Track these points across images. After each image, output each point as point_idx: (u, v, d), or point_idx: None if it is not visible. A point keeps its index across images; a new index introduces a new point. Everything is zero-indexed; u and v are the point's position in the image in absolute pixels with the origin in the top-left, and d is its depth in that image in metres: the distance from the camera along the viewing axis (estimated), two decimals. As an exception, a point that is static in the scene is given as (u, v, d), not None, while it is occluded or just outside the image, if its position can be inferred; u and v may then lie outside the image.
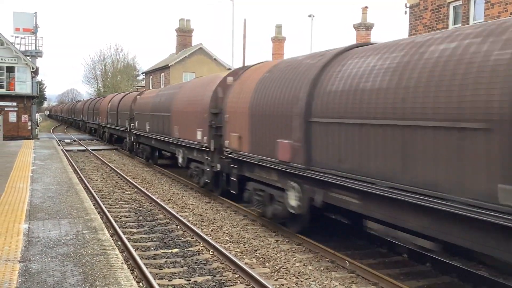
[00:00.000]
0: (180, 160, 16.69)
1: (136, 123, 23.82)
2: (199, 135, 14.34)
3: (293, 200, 9.34)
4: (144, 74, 59.78)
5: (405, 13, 17.22)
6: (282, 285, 7.59)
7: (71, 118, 65.46)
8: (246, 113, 11.24)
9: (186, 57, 46.67)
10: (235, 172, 12.35)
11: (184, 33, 51.79)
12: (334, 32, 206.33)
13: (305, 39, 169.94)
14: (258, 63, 13.41)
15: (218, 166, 13.28)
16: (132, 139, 25.11)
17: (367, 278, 7.81)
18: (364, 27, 36.66)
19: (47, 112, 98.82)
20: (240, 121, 11.63)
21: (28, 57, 40.51)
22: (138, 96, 25.47)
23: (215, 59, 47.00)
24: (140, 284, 7.20)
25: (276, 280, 7.81)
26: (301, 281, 7.76)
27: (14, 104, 39.75)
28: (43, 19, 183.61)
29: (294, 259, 8.86)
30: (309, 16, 42.33)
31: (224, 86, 13.60)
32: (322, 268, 8.35)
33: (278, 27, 47.19)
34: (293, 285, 7.58)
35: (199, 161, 14.80)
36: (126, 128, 26.64)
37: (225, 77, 13.84)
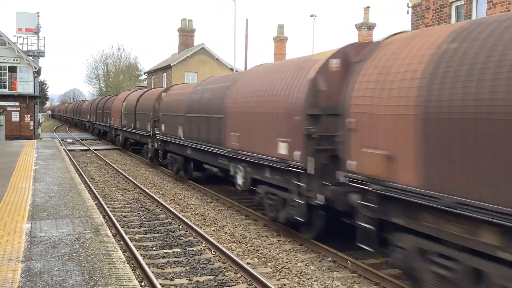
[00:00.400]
0: (240, 181, 11.89)
1: (163, 126, 19.26)
2: (282, 148, 9.66)
3: None
4: (146, 74, 59.84)
5: (407, 12, 17.22)
6: (284, 285, 7.60)
7: (76, 118, 61.33)
8: (408, 117, 6.30)
9: (188, 57, 46.74)
10: (371, 218, 7.26)
11: (186, 33, 51.88)
12: (336, 32, 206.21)
13: (307, 39, 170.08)
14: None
15: (321, 198, 8.73)
16: (157, 146, 20.47)
17: (369, 278, 7.81)
18: (366, 27, 36.66)
19: (49, 112, 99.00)
20: (387, 129, 6.72)
21: (31, 57, 40.62)
22: (163, 93, 20.88)
23: (217, 59, 47.05)
24: (142, 283, 7.22)
25: (278, 280, 7.82)
26: (303, 281, 7.76)
27: (17, 104, 39.85)
28: (45, 19, 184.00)
29: (296, 259, 8.86)
30: (311, 16, 42.28)
31: (327, 74, 9.04)
32: (324, 268, 8.35)
33: (280, 27, 47.19)
34: (295, 285, 7.59)
35: (279, 187, 10.14)
36: (147, 132, 21.60)
37: (327, 61, 9.15)
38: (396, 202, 6.60)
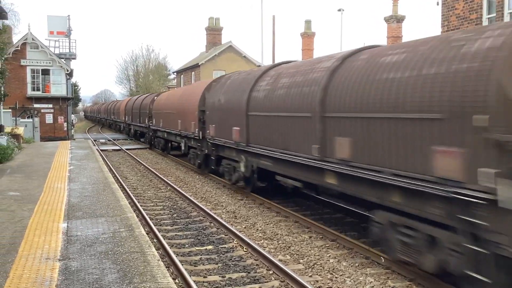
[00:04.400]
0: None
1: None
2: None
3: None
4: (175, 74, 60.40)
5: (437, 4, 16.89)
6: (317, 281, 7.58)
7: (110, 119, 58.33)
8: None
9: (216, 55, 46.96)
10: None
11: (213, 32, 52.13)
12: (365, 25, 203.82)
13: (335, 34, 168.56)
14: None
15: None
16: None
17: (403, 274, 7.72)
18: (395, 19, 36.11)
19: (82, 113, 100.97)
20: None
21: (63, 60, 41.50)
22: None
23: (244, 56, 47.12)
24: (176, 280, 7.31)
25: (311, 276, 7.81)
26: (336, 277, 7.73)
27: (50, 106, 40.84)
28: (76, 21, 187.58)
29: (328, 255, 8.83)
30: (339, 10, 41.97)
31: None
32: (356, 264, 8.30)
33: (308, 23, 46.90)
34: (328, 282, 7.56)
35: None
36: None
37: None
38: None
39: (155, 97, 30.48)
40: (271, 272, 7.96)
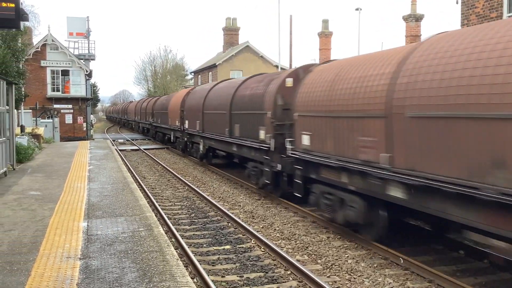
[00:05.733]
0: None
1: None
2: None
3: None
4: (193, 74, 60.67)
5: (457, 2, 16.69)
6: (335, 282, 7.56)
7: (137, 120, 50.88)
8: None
9: (233, 56, 47.08)
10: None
11: (230, 32, 52.26)
12: (383, 24, 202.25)
13: (352, 33, 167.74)
14: None
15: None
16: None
17: (422, 275, 7.66)
18: (414, 18, 35.77)
19: (101, 113, 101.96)
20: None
21: (82, 61, 41.97)
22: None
23: (261, 56, 47.16)
24: (195, 280, 7.35)
25: (329, 277, 7.79)
26: (354, 278, 7.70)
27: (70, 106, 41.36)
28: (95, 23, 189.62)
29: (346, 255, 8.80)
30: (356, 9, 41.71)
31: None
32: (375, 265, 8.26)
33: (325, 22, 46.73)
34: (346, 282, 7.54)
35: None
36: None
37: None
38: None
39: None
40: (289, 272, 7.97)
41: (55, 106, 40.52)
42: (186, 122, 23.84)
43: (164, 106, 32.06)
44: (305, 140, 11.01)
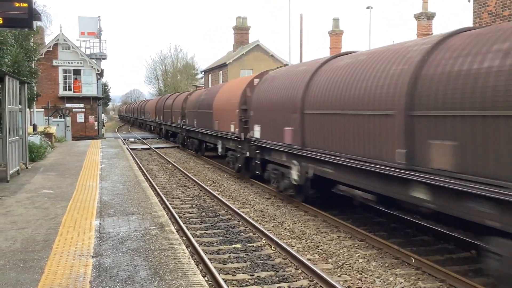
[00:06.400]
0: None
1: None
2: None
3: None
4: (203, 73, 60.82)
5: (469, 1, 16.59)
6: (346, 281, 7.56)
7: (158, 121, 42.06)
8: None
9: (244, 55, 47.12)
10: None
11: (241, 31, 52.31)
12: (394, 23, 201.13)
13: (363, 32, 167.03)
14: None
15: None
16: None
17: (434, 275, 7.63)
18: (425, 17, 35.60)
19: (112, 112, 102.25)
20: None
21: (93, 60, 42.24)
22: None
23: (272, 55, 47.16)
24: (205, 278, 7.38)
25: (340, 276, 7.79)
26: (365, 277, 7.69)
27: (81, 105, 41.68)
28: (106, 22, 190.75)
29: (357, 255, 8.79)
30: (367, 8, 41.56)
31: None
32: (386, 265, 8.24)
33: (335, 21, 46.65)
34: (357, 282, 7.53)
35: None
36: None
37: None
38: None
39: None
40: (299, 271, 7.97)
41: (67, 105, 40.85)
42: (257, 128, 15.25)
43: (204, 103, 23.93)
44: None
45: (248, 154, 16.44)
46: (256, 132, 15.06)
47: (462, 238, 9.13)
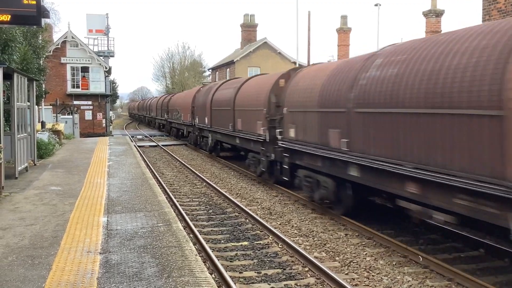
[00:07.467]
0: None
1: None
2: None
3: None
4: (210, 70, 60.84)
5: (478, -3, 16.44)
6: (353, 279, 7.54)
7: (199, 126, 26.93)
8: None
9: (251, 52, 47.02)
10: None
11: (248, 28, 52.18)
12: (402, 20, 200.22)
13: (371, 29, 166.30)
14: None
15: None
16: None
17: (442, 274, 7.59)
18: (434, 14, 35.37)
19: (119, 110, 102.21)
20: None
21: (101, 57, 42.36)
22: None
23: (279, 52, 47.03)
24: (213, 275, 7.39)
25: (347, 274, 7.77)
26: (373, 275, 7.67)
27: (89, 102, 41.85)
28: (114, 20, 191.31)
29: (364, 253, 8.76)
30: (376, 5, 41.34)
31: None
32: (394, 263, 8.21)
33: (343, 18, 46.48)
34: (364, 280, 7.51)
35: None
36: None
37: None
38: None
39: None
40: (306, 269, 7.96)
41: (75, 102, 41.01)
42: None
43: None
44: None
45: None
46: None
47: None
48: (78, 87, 41.47)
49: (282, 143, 13.77)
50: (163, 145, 31.16)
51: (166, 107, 39.00)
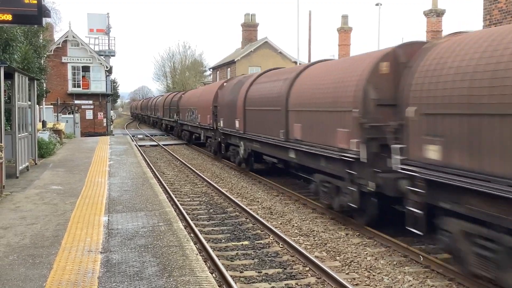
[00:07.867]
0: None
1: None
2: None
3: None
4: (211, 70, 60.83)
5: (479, -3, 16.43)
6: (354, 278, 7.54)
7: (226, 130, 20.36)
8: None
9: (252, 52, 47.01)
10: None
11: (249, 28, 52.18)
12: (403, 20, 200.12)
13: (372, 29, 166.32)
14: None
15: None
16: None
17: (443, 274, 7.59)
18: (435, 13, 35.31)
19: (120, 109, 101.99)
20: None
21: (102, 57, 42.37)
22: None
23: (280, 52, 47.02)
24: (213, 275, 7.39)
25: (347, 273, 7.77)
26: (373, 275, 7.67)
27: (90, 102, 41.86)
28: (115, 19, 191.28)
29: (365, 253, 8.76)
30: (376, 4, 41.28)
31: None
32: (394, 263, 8.21)
33: (344, 18, 46.42)
34: (365, 279, 7.51)
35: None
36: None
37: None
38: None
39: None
40: (307, 268, 7.96)
41: (76, 102, 41.03)
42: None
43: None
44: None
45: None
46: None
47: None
48: (79, 86, 41.48)
49: (406, 169, 7.84)
50: (163, 145, 31.17)
51: (176, 107, 32.88)
